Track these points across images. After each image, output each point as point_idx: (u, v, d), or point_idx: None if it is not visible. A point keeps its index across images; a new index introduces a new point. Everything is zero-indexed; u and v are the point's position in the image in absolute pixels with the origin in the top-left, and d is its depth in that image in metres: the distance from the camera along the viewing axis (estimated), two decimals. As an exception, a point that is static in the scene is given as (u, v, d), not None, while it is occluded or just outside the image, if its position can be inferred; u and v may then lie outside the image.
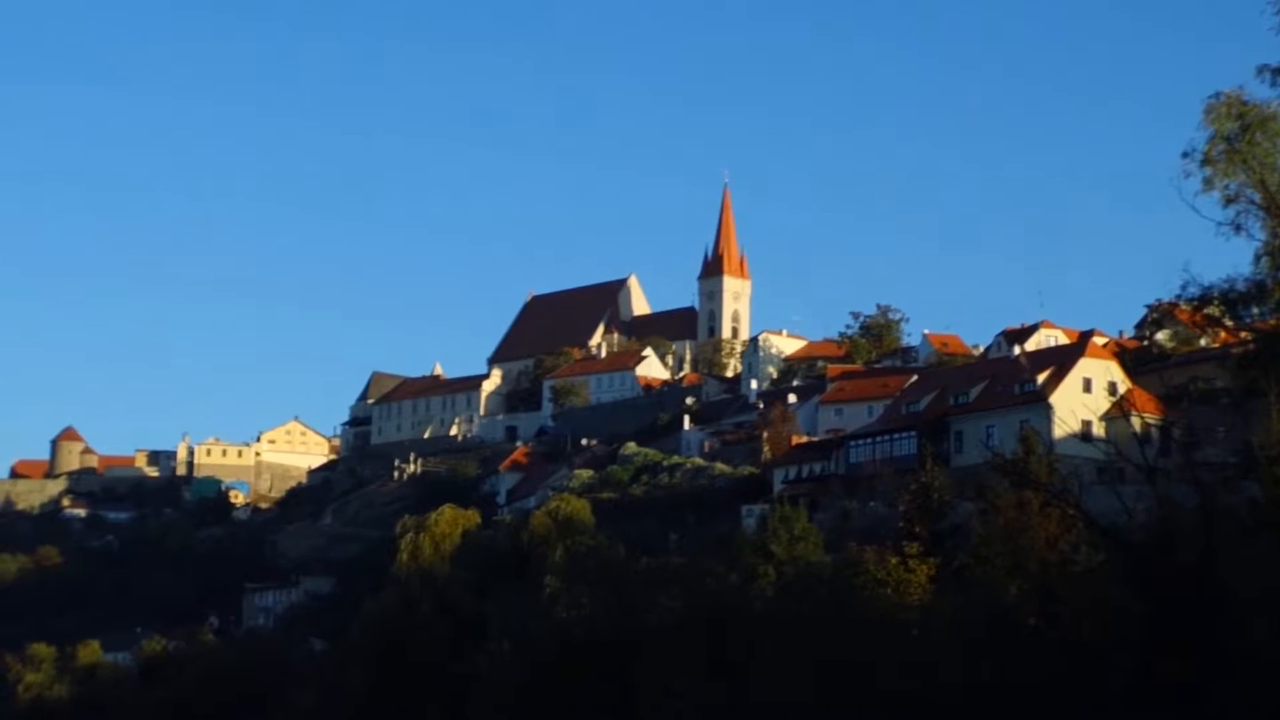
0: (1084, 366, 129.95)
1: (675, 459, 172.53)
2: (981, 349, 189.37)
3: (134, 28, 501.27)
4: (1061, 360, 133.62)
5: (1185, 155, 45.17)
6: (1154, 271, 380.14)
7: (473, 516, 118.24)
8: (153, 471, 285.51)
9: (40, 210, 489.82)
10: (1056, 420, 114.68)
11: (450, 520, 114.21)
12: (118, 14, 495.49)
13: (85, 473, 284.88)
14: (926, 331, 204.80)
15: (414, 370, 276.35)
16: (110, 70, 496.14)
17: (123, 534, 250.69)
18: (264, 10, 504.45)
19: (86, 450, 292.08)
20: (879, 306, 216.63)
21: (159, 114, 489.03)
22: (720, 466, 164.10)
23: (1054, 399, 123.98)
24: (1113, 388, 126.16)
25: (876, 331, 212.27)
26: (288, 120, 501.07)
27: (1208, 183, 44.97)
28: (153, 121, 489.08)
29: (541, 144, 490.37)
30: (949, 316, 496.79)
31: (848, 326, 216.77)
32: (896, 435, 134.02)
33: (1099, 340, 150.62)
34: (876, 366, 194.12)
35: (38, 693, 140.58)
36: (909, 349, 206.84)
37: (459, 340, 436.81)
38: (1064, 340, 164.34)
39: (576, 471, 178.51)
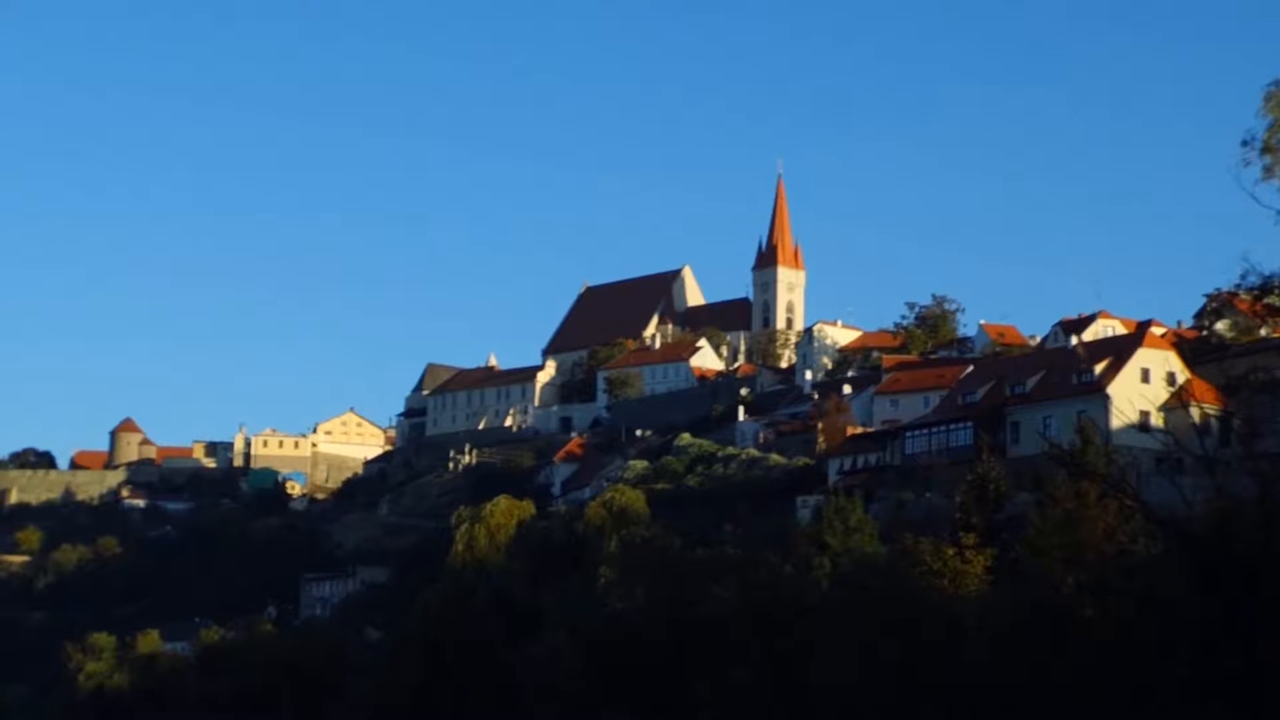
0: (1142, 357, 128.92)
1: (730, 450, 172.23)
2: (1038, 339, 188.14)
3: (223, 37, 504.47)
4: (1119, 350, 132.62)
5: (1245, 143, 44.63)
6: (1213, 261, 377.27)
7: (527, 507, 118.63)
8: (210, 462, 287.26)
9: (99, 211, 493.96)
10: (1114, 411, 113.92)
11: (505, 511, 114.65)
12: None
13: (144, 464, 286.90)
14: (982, 322, 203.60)
15: (469, 362, 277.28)
16: (181, 75, 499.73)
17: (181, 524, 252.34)
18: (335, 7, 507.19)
19: (145, 441, 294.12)
20: (934, 297, 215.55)
21: (215, 116, 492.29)
22: (775, 457, 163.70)
23: (1112, 389, 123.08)
24: (1171, 378, 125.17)
25: (932, 322, 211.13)
26: (341, 115, 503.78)
27: (1267, 171, 44.42)
28: (205, 123, 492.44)
29: (596, 135, 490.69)
30: (1005, 307, 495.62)
31: (903, 317, 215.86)
32: (952, 426, 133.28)
33: (1157, 330, 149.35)
34: (932, 357, 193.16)
35: (98, 681, 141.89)
36: (965, 340, 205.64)
37: (513, 332, 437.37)
38: (1121, 330, 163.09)
39: (631, 462, 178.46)
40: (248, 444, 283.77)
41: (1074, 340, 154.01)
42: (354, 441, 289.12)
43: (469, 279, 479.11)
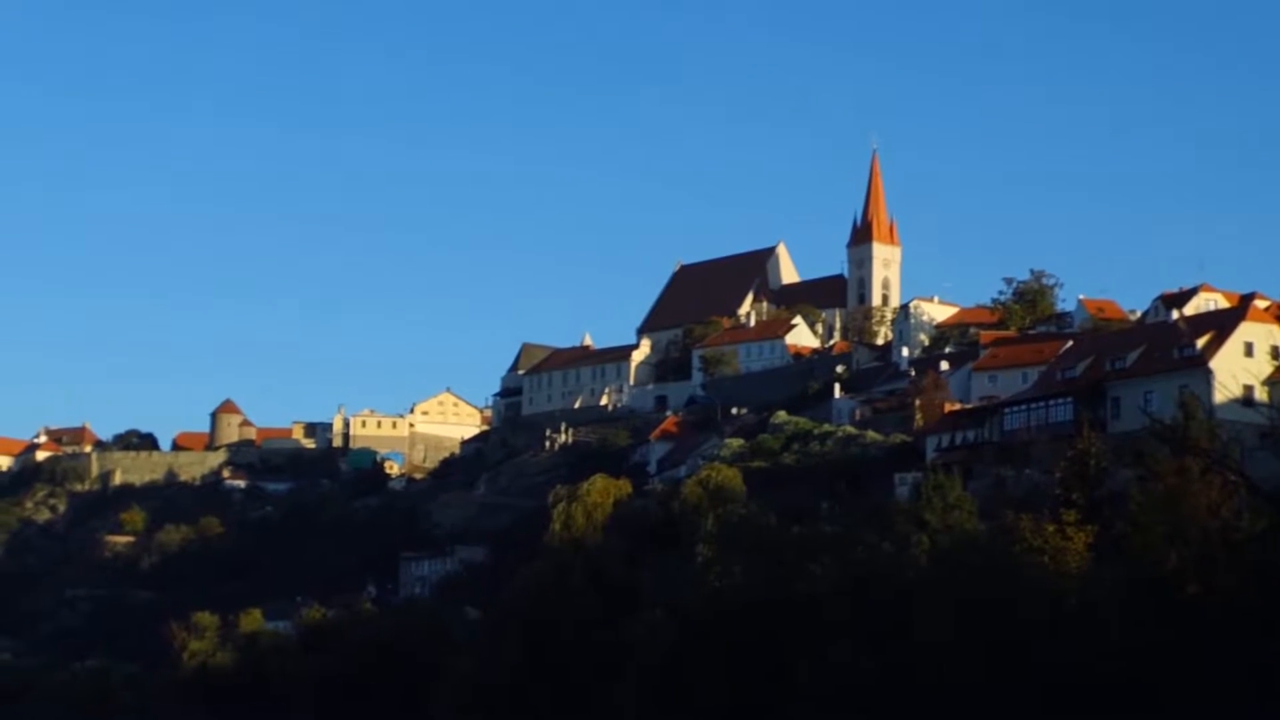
0: (1245, 330, 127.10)
1: (826, 427, 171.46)
2: (1139, 314, 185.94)
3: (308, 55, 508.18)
4: (1222, 324, 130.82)
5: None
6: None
7: (624, 486, 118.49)
8: (309, 443, 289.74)
9: (200, 195, 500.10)
10: (1217, 385, 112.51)
11: (602, 490, 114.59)
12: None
13: (244, 444, 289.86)
14: (1082, 297, 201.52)
15: (563, 341, 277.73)
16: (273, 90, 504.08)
17: (281, 505, 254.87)
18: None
19: (245, 423, 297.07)
20: (1033, 272, 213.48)
21: (316, 98, 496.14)
22: (872, 434, 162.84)
23: (1214, 364, 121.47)
24: (1275, 352, 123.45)
25: (1030, 297, 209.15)
26: (437, 95, 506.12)
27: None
28: (306, 115, 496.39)
29: (689, 111, 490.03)
30: (1105, 281, 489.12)
31: (1000, 293, 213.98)
32: (1052, 401, 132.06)
33: (1260, 304, 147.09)
34: (1031, 333, 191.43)
35: (202, 660, 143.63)
36: (1064, 315, 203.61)
37: (608, 311, 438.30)
38: (1224, 304, 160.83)
39: (727, 440, 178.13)
40: (346, 424, 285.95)
41: (1175, 314, 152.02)
42: (451, 421, 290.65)
43: (564, 259, 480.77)
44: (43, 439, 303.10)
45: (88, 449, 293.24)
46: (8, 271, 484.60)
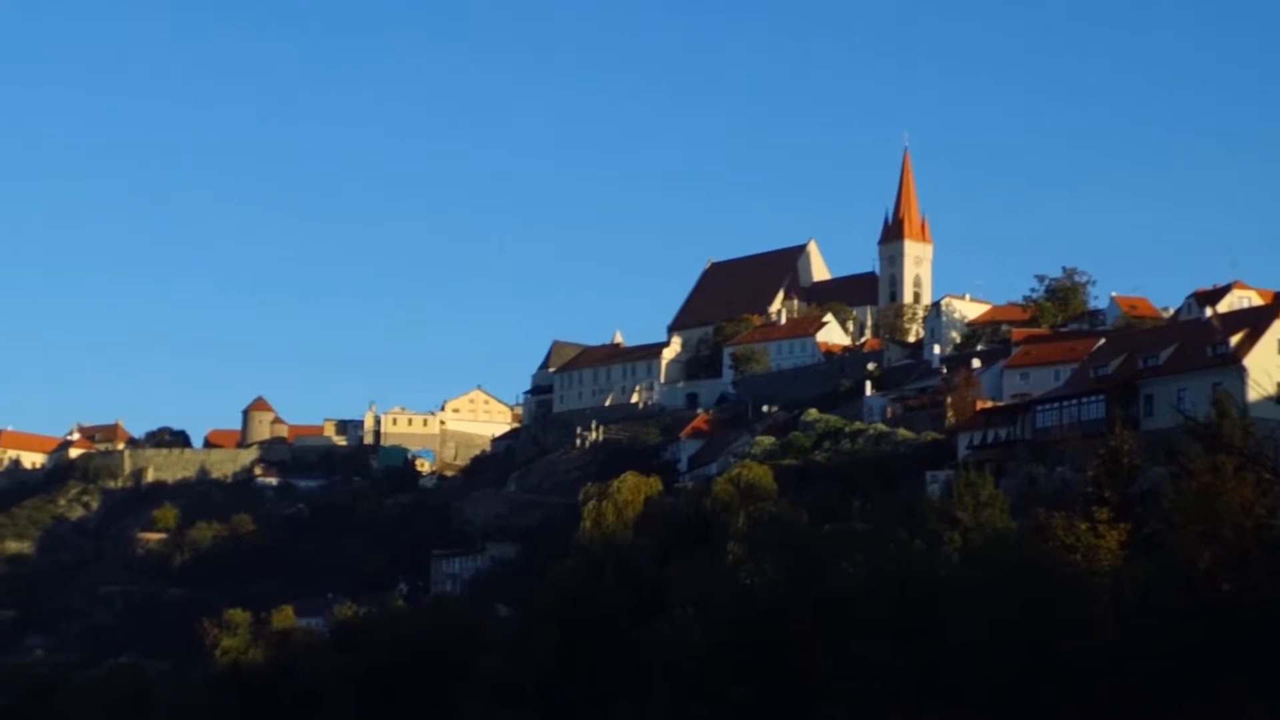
0: (1279, 328, 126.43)
1: (857, 425, 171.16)
2: (1171, 311, 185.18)
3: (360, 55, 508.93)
4: (1255, 321, 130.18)
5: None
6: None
7: (655, 483, 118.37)
8: (341, 440, 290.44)
9: (233, 194, 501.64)
10: (1251, 383, 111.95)
11: (632, 487, 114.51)
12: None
13: (276, 442, 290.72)
14: (1114, 294, 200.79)
15: (594, 339, 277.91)
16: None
17: (312, 502, 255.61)
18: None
19: (276, 420, 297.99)
20: (1065, 269, 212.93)
21: (348, 99, 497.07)
22: (903, 432, 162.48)
23: (1248, 361, 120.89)
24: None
25: (1062, 295, 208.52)
26: (469, 94, 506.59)
27: None
28: (337, 104, 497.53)
29: (719, 110, 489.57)
30: (1137, 279, 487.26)
31: (1032, 290, 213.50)
32: (1084, 399, 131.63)
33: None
34: (1063, 330, 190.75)
35: (234, 657, 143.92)
36: (1096, 312, 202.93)
37: (638, 308, 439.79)
38: (1258, 301, 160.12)
39: (758, 438, 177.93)
40: (377, 422, 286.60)
41: (1208, 311, 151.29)
42: (481, 419, 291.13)
43: (595, 256, 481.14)
44: (76, 436, 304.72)
45: (121, 446, 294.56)
46: (43, 270, 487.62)
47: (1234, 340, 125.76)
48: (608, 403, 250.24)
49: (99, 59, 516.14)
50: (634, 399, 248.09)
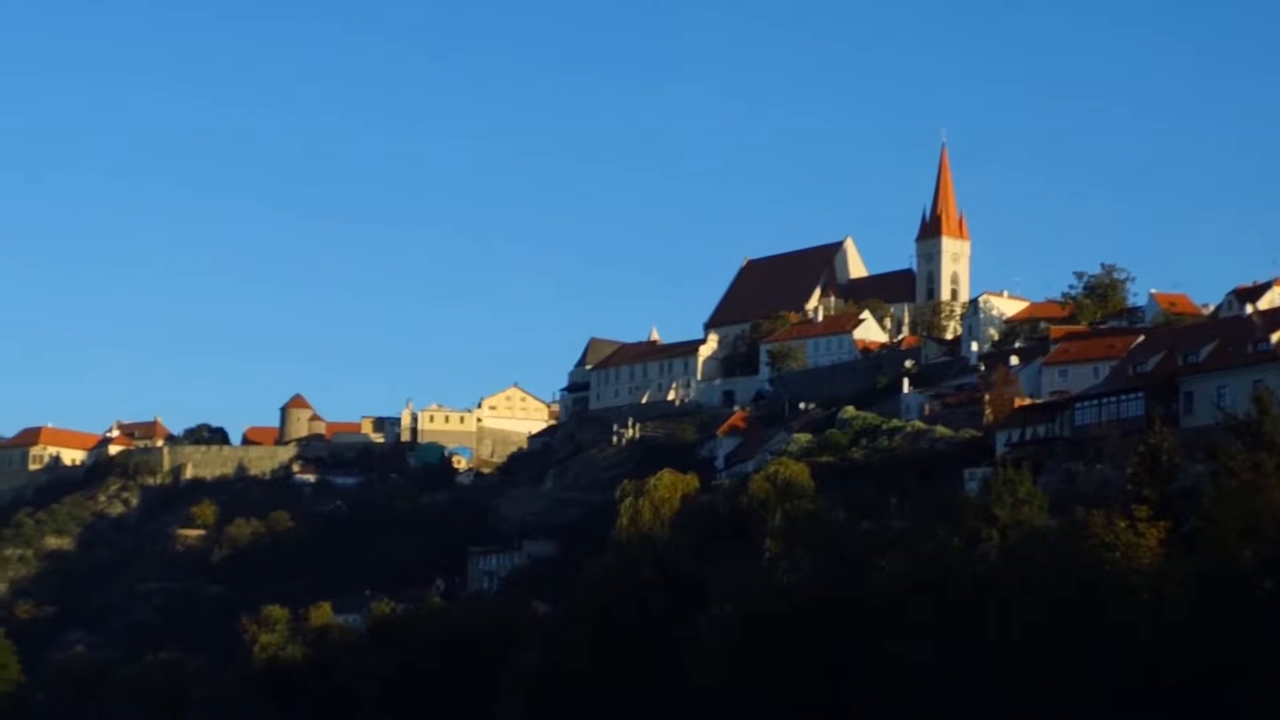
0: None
1: (895, 422, 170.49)
2: (1211, 308, 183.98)
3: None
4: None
5: None
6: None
7: (691, 481, 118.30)
8: (378, 437, 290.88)
9: (272, 194, 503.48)
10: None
11: (669, 485, 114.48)
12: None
13: (313, 439, 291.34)
14: (1153, 291, 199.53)
15: (631, 336, 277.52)
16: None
17: (350, 499, 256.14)
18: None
19: (314, 417, 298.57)
20: (1104, 266, 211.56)
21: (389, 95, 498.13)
22: (941, 429, 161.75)
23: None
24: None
25: (1101, 291, 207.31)
26: (507, 92, 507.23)
27: None
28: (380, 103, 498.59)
29: (756, 106, 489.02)
30: (1177, 275, 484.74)
31: (1071, 287, 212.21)
32: (1123, 396, 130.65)
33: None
34: (1101, 327, 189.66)
35: (272, 653, 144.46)
36: (1135, 309, 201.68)
37: (675, 305, 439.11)
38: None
39: (794, 435, 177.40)
40: (414, 419, 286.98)
41: (1249, 308, 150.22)
42: (518, 416, 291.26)
43: (631, 254, 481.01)
44: (115, 433, 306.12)
45: (159, 443, 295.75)
46: (83, 269, 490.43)
47: (1275, 337, 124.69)
48: (644, 400, 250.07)
49: (142, 59, 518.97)
50: (670, 396, 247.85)
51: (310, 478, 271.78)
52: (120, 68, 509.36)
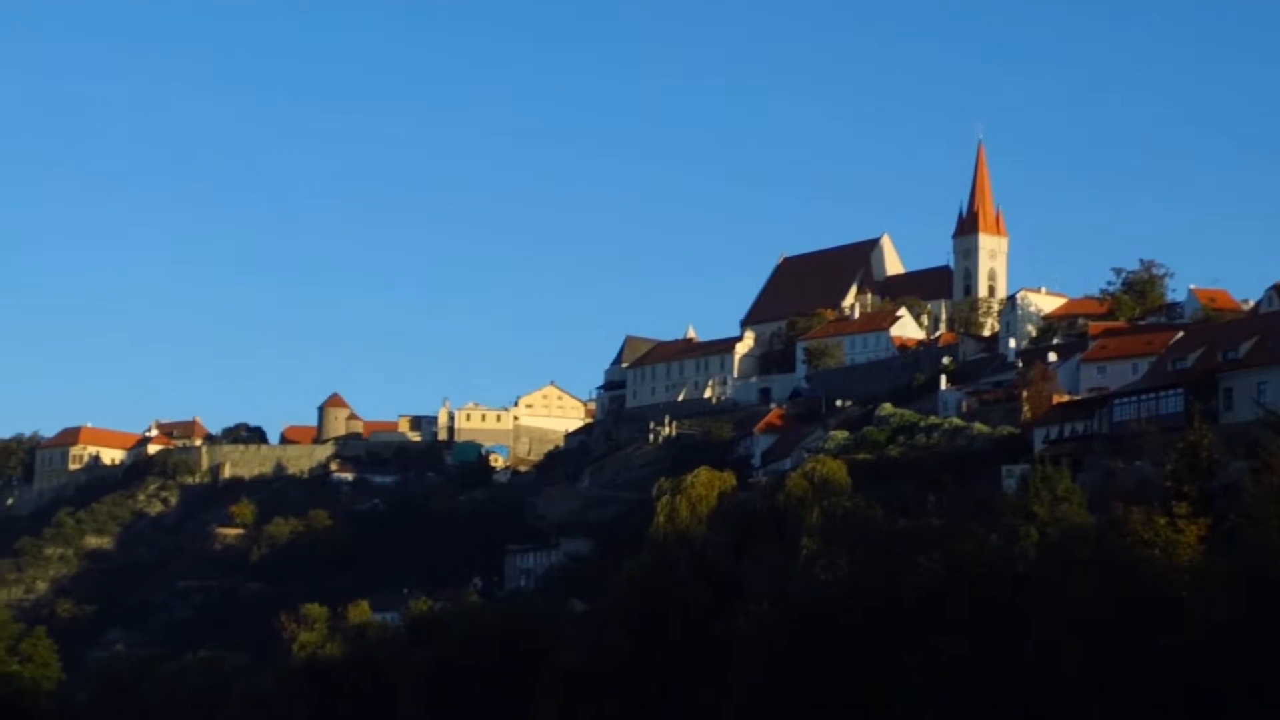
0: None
1: (932, 419, 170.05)
2: (1251, 303, 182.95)
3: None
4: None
5: None
6: None
7: (728, 478, 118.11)
8: (415, 436, 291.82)
9: (311, 196, 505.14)
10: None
11: (706, 482, 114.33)
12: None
13: (351, 438, 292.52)
14: (1193, 287, 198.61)
15: (667, 334, 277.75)
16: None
17: (388, 497, 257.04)
18: None
19: (352, 416, 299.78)
20: (1142, 262, 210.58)
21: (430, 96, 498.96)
22: (979, 427, 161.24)
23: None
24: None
25: (1140, 288, 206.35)
26: (542, 92, 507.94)
27: None
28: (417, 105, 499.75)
29: (794, 104, 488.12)
30: (1217, 271, 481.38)
31: (1109, 283, 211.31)
32: (1163, 393, 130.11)
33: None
34: (1140, 323, 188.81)
35: (312, 651, 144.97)
36: (1174, 305, 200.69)
37: (711, 303, 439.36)
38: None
39: (832, 433, 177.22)
40: (451, 418, 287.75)
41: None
42: (555, 414, 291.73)
43: (667, 251, 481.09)
44: (154, 432, 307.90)
45: (198, 442, 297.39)
46: (119, 269, 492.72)
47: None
48: (681, 398, 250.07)
49: (196, 62, 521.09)
50: (707, 394, 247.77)
51: (348, 476, 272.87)
52: (165, 66, 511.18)
